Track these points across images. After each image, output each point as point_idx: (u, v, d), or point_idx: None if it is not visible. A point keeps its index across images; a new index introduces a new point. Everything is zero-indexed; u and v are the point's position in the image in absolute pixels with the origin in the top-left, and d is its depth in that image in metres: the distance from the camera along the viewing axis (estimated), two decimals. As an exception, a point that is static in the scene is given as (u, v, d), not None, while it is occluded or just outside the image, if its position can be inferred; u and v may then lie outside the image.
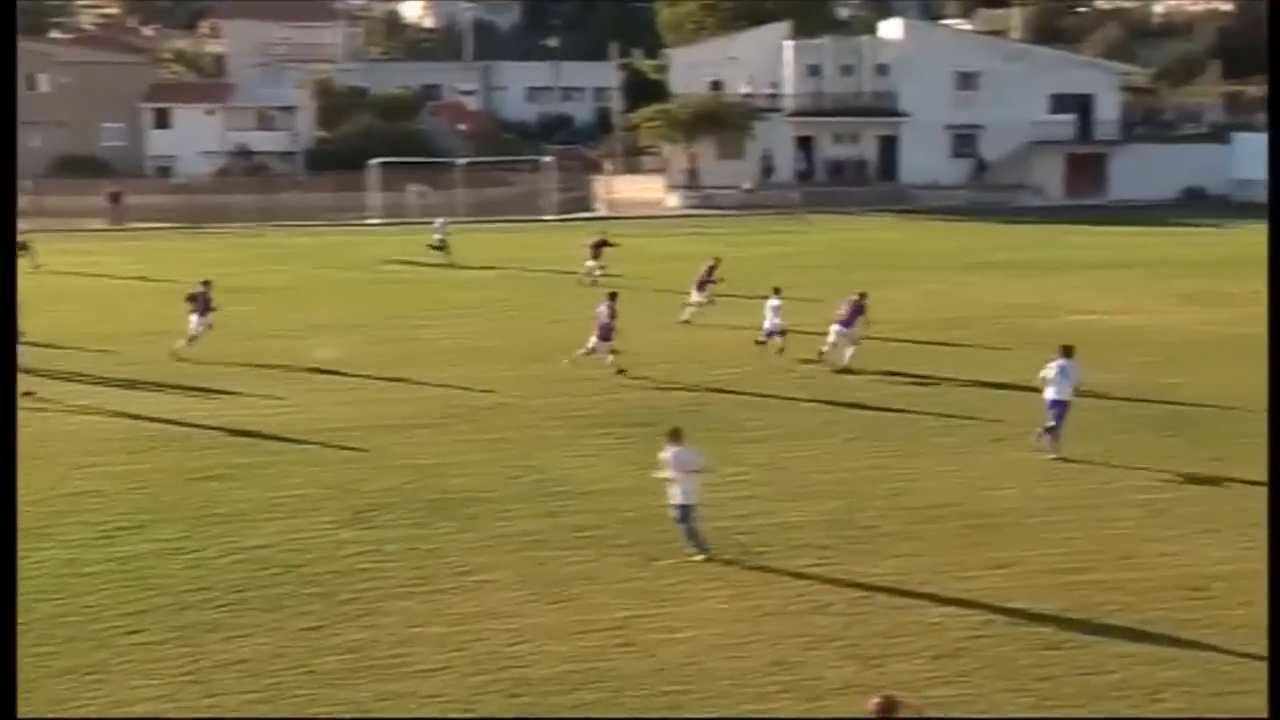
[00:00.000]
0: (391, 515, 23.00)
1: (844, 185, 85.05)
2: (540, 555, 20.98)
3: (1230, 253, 59.12)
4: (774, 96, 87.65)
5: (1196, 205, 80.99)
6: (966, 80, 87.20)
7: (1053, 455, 26.11)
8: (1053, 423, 26.28)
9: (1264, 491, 23.91)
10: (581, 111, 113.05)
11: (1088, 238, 65.35)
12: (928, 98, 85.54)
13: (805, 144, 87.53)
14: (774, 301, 35.83)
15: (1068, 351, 26.59)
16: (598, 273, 49.15)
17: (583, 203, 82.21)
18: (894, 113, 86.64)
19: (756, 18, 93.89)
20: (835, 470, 25.52)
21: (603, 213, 79.70)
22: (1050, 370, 26.39)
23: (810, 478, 25.03)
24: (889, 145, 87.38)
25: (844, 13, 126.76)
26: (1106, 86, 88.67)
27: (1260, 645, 17.52)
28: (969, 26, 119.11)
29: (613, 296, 34.78)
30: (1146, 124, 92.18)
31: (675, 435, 21.05)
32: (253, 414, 30.01)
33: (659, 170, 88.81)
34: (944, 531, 22.00)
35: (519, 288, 49.71)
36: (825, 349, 34.79)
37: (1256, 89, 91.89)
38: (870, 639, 17.90)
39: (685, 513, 20.69)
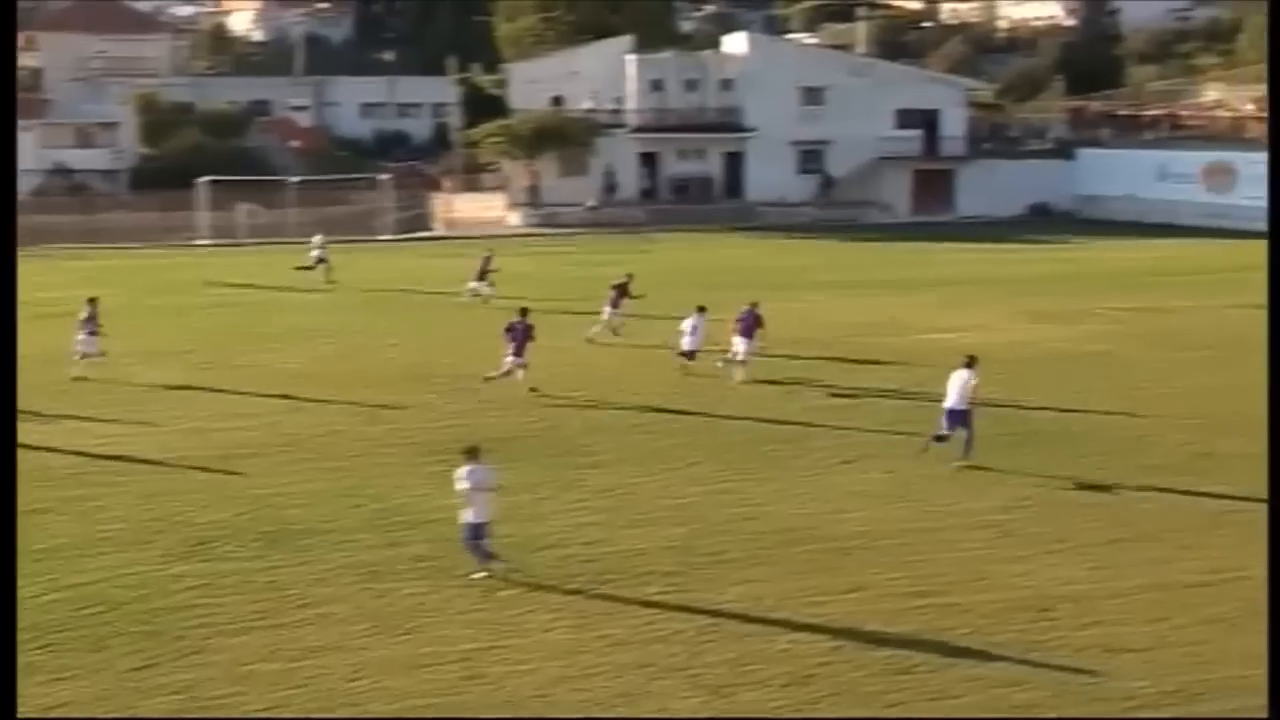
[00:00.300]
0: (227, 547, 22.73)
1: (689, 203, 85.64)
2: (381, 587, 20.88)
3: (1077, 269, 60.56)
4: (617, 112, 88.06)
5: (1043, 222, 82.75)
6: (812, 95, 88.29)
7: (963, 463, 27.11)
8: (946, 429, 27.37)
9: (1111, 509, 24.59)
10: (419, 128, 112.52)
11: (936, 255, 66.48)
12: (773, 113, 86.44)
13: (649, 160, 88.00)
14: (691, 320, 36.41)
15: (970, 363, 27.67)
16: (486, 291, 49.28)
17: (421, 222, 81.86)
18: (739, 128, 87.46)
19: (598, 32, 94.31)
20: (683, 495, 25.69)
21: (441, 232, 79.47)
22: (953, 380, 27.46)
23: (657, 503, 25.18)
24: (734, 161, 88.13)
25: (687, 27, 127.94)
26: (952, 102, 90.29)
27: (1108, 666, 18.00)
28: (814, 41, 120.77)
29: (524, 312, 34.92)
30: (993, 140, 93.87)
31: (472, 453, 21.37)
32: (79, 444, 29.44)
33: (500, 188, 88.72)
34: (794, 556, 22.25)
35: (357, 310, 49.36)
36: (725, 362, 35.68)
37: (1099, 104, 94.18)
38: (719, 667, 18.06)
39: (476, 531, 20.96)
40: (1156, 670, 17.96)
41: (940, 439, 27.51)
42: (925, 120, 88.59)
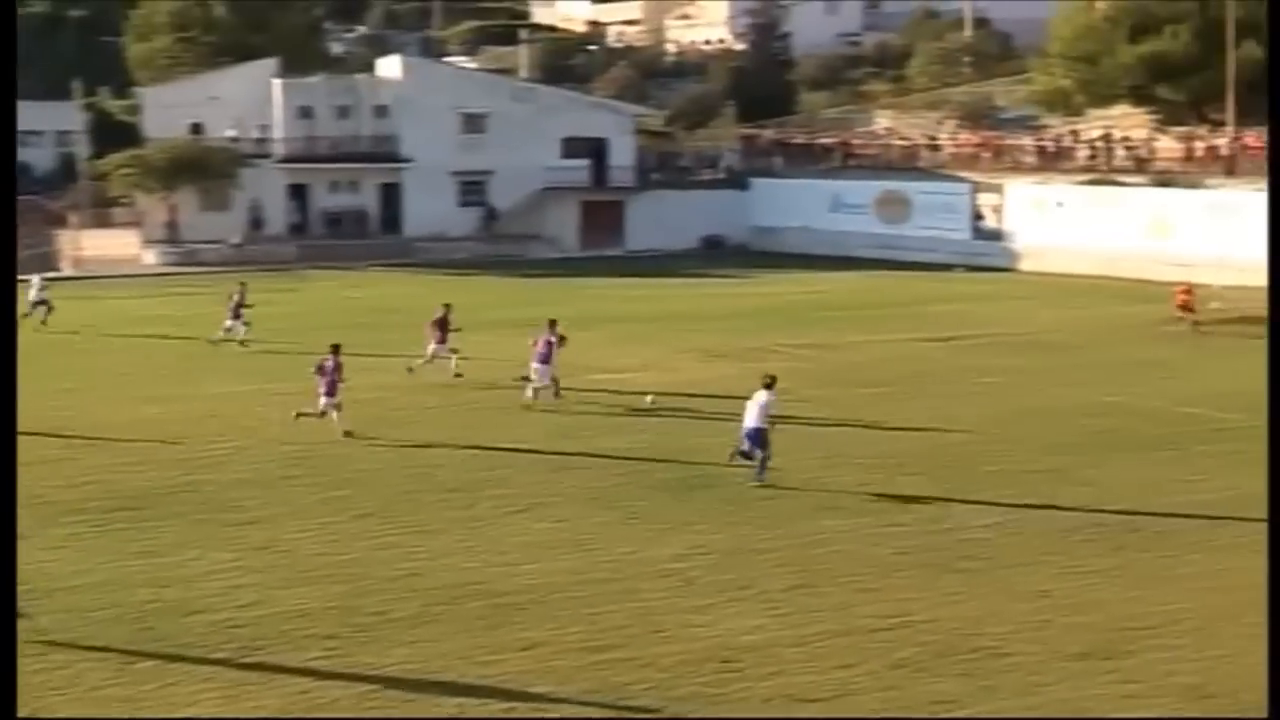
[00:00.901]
0: None
1: (343, 238, 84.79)
2: None
3: (750, 304, 62.02)
4: (263, 141, 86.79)
5: (716, 255, 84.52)
6: (473, 123, 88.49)
7: (758, 483, 29.29)
8: (747, 447, 29.68)
9: (792, 553, 25.21)
10: (41, 158, 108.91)
11: (606, 291, 67.27)
12: (431, 141, 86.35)
13: (299, 193, 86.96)
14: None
15: (769, 384, 29.87)
16: (242, 332, 48.07)
17: (46, 261, 79.25)
18: (395, 158, 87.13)
19: (240, 54, 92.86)
20: (346, 550, 25.44)
21: (69, 272, 77.11)
22: (752, 401, 29.65)
23: (316, 560, 24.87)
24: (391, 193, 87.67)
25: (338, 49, 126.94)
26: (620, 129, 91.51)
27: (796, 716, 18.44)
28: (474, 65, 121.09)
29: (335, 349, 34.84)
30: (663, 169, 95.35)
31: None
32: None
33: (133, 224, 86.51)
34: (463, 613, 22.22)
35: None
36: (530, 390, 37.53)
37: (772, 132, 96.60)
38: (385, 736, 17.92)
39: None
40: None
41: (745, 455, 29.68)
42: (593, 149, 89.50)
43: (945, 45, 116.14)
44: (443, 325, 42.58)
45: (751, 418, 29.68)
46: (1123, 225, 71.95)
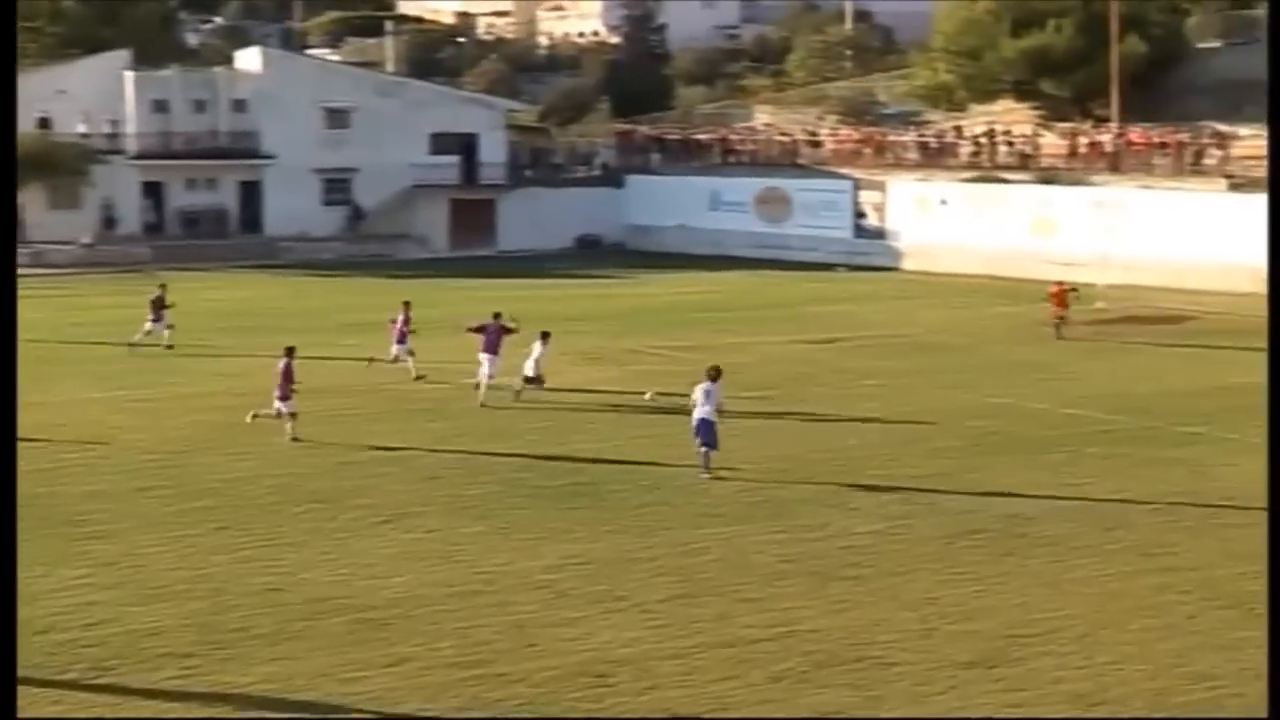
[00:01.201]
0: None
1: (201, 238, 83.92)
2: None
3: (627, 305, 62.05)
4: (115, 136, 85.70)
5: (591, 254, 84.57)
6: (337, 118, 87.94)
7: (707, 475, 30.44)
8: (703, 445, 30.64)
9: (670, 563, 25.17)
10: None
11: (477, 292, 66.79)
12: (293, 137, 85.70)
13: (154, 191, 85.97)
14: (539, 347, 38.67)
15: (714, 375, 30.98)
16: (166, 335, 47.32)
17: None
18: (255, 154, 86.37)
19: (90, 45, 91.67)
20: (204, 565, 25.07)
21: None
22: (697, 392, 30.77)
23: (173, 575, 24.49)
24: (252, 191, 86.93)
25: (194, 41, 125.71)
26: (491, 125, 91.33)
27: (673, 730, 18.41)
28: (337, 58, 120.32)
29: (289, 352, 34.82)
30: (536, 166, 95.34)
31: None
32: None
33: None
34: (327, 629, 21.96)
35: None
36: (481, 384, 38.64)
37: (648, 127, 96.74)
38: (245, 759, 17.66)
39: None
40: (722, 733, 18.45)
41: (705, 451, 30.77)
42: (463, 145, 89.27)
43: (825, 39, 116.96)
44: (404, 324, 43.29)
45: (699, 410, 30.73)
46: (1006, 223, 72.83)
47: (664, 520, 27.86)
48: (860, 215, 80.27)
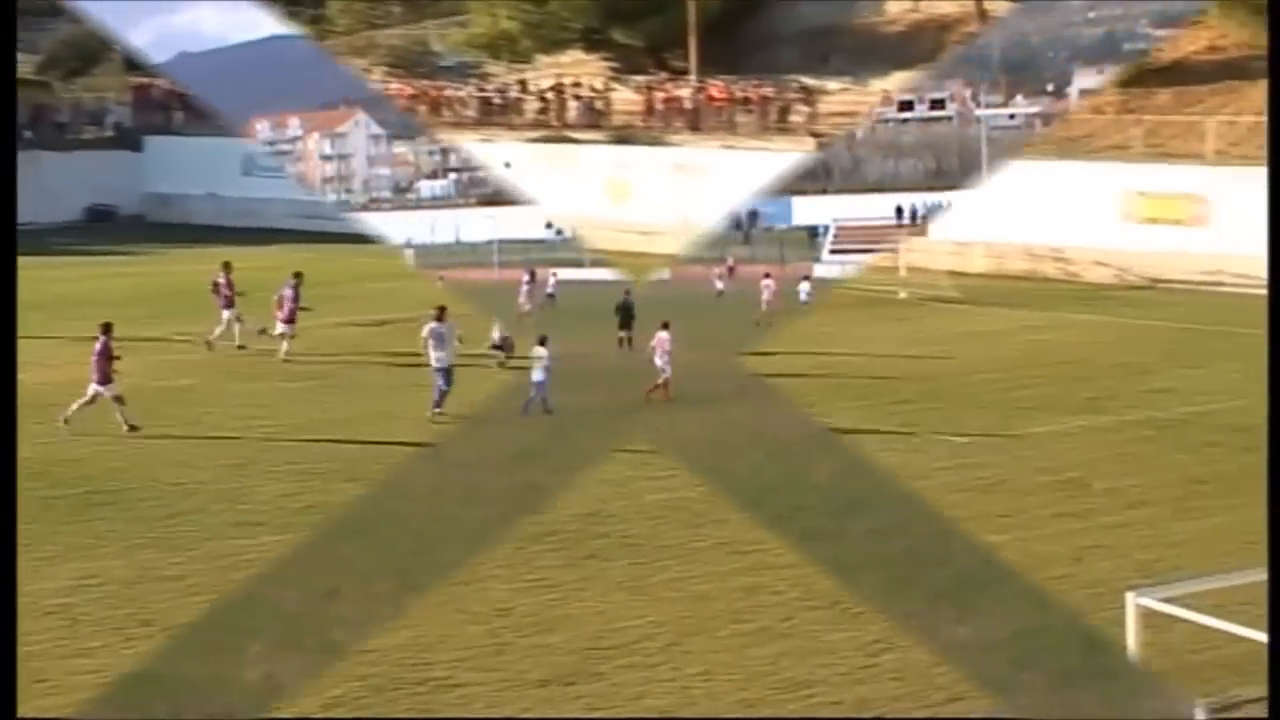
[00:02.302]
0: None
1: None
2: None
3: (148, 286, 60.69)
4: None
5: (105, 228, 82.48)
6: None
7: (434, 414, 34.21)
8: (444, 387, 34.32)
9: (206, 579, 24.75)
10: None
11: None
12: None
13: None
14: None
15: (440, 315, 34.41)
16: None
17: None
18: None
19: None
20: None
21: None
22: (425, 331, 34.49)
23: None
24: None
25: None
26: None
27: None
28: None
29: (107, 329, 35.57)
30: (36, 126, 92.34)
31: None
32: None
33: None
34: None
35: None
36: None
37: (168, 82, 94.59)
38: None
39: None
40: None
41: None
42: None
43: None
44: (294, 301, 44.59)
45: (433, 355, 34.46)
46: (578, 187, 73.40)
47: (197, 531, 27.37)
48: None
